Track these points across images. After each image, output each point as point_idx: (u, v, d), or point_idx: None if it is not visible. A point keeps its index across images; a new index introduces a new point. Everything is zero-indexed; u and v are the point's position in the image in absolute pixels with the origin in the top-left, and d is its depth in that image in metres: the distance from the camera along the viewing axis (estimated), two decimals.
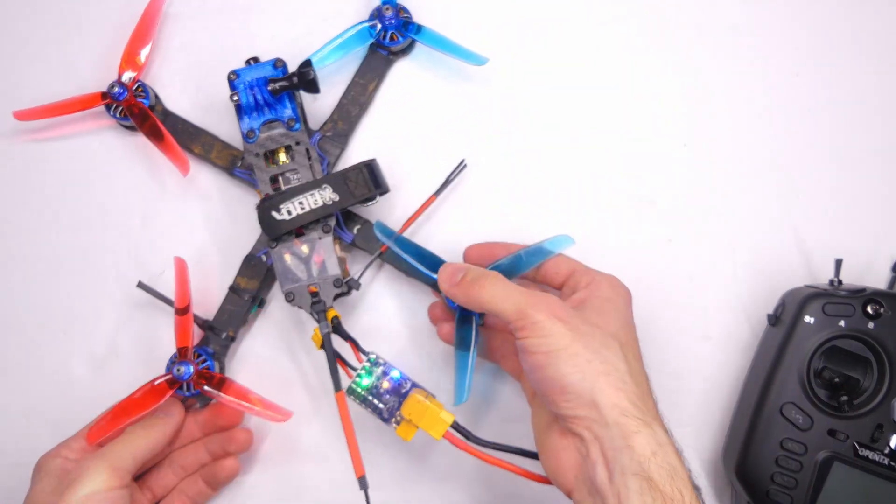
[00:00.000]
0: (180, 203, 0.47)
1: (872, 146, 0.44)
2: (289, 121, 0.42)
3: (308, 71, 0.40)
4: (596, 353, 0.33)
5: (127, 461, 0.39)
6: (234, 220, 0.46)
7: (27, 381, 0.46)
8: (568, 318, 0.34)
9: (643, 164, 0.46)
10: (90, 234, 0.47)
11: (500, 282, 0.37)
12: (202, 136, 0.45)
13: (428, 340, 0.45)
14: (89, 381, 0.45)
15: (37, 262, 0.47)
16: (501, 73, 0.46)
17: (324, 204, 0.41)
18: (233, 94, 0.41)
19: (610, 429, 0.32)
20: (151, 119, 0.44)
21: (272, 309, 0.46)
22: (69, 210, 0.47)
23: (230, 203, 0.47)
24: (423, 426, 0.37)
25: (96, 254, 0.46)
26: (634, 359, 0.36)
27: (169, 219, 0.46)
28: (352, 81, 0.45)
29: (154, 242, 0.46)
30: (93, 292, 0.46)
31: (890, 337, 0.39)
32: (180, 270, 0.42)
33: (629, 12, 0.46)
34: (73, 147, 0.47)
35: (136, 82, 0.45)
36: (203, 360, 0.43)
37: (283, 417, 0.41)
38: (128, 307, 0.46)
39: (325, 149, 0.45)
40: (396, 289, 0.46)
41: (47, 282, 0.46)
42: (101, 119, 0.46)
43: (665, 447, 0.32)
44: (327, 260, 0.41)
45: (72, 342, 0.46)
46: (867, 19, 0.45)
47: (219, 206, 0.47)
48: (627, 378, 0.33)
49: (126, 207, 0.47)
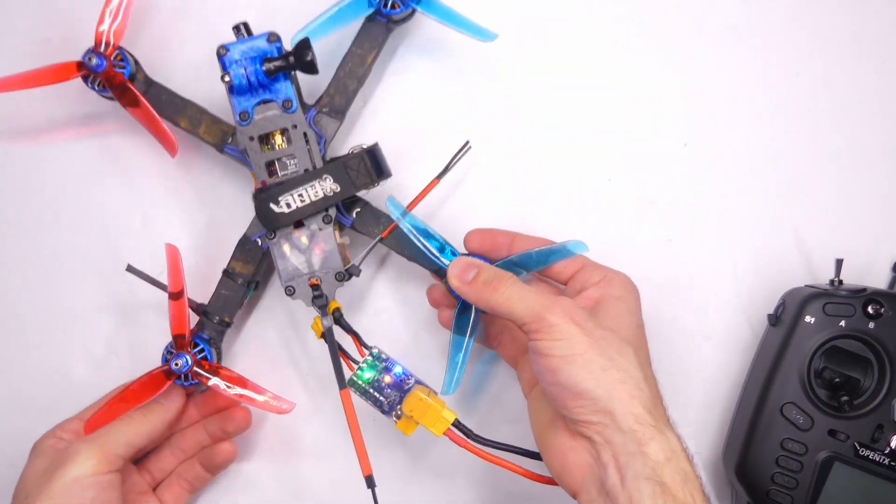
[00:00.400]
0: (165, 181, 0.44)
1: (872, 146, 0.44)
2: (285, 102, 0.39)
3: (306, 52, 0.37)
4: (611, 360, 0.33)
5: (119, 446, 0.38)
6: (225, 200, 0.44)
7: (27, 381, 0.46)
8: (583, 321, 0.34)
9: (643, 164, 0.45)
10: (90, 230, 0.46)
11: (515, 284, 0.36)
12: (189, 109, 0.42)
13: (429, 335, 0.44)
14: (89, 381, 0.45)
15: (37, 262, 0.46)
16: (506, 53, 0.44)
17: (324, 196, 0.38)
18: (224, 75, 0.38)
19: (624, 435, 0.32)
20: (132, 92, 0.40)
21: (268, 294, 0.45)
22: (68, 208, 0.46)
23: (221, 182, 0.44)
24: (425, 423, 0.37)
25: (95, 249, 0.46)
26: (646, 363, 0.35)
27: (153, 198, 0.44)
28: (349, 52, 0.41)
29: (148, 226, 0.45)
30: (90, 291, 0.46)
31: (890, 337, 0.39)
32: (172, 256, 0.40)
33: (629, 12, 0.45)
34: (49, 122, 0.44)
35: (115, 49, 0.40)
36: (200, 349, 0.40)
37: (286, 409, 0.40)
38: (127, 306, 0.45)
39: (322, 125, 0.41)
40: (397, 281, 0.44)
41: (47, 282, 0.46)
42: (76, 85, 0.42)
43: (678, 454, 0.32)
44: (328, 252, 0.39)
45: (72, 342, 0.46)
46: (867, 19, 0.45)
47: (206, 186, 0.44)
48: (643, 385, 0.33)
49: (123, 199, 0.46)
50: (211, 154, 0.43)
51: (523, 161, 0.45)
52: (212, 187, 0.45)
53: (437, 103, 0.45)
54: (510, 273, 0.37)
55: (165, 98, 0.42)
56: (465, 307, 0.39)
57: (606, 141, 0.45)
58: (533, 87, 0.45)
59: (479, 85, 0.45)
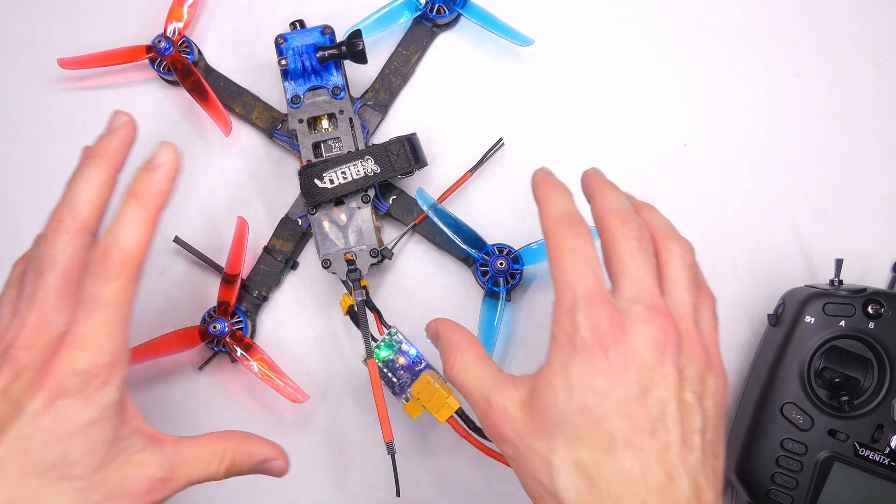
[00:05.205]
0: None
1: (873, 146, 0.43)
2: (334, 89, 0.38)
3: (357, 42, 0.37)
4: None
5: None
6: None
7: None
8: None
9: (643, 164, 0.43)
10: None
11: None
12: (244, 96, 0.42)
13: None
14: None
15: None
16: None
17: (365, 175, 0.37)
18: (281, 59, 0.38)
19: None
20: (195, 75, 0.40)
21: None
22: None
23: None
24: (430, 407, 0.35)
25: None
26: None
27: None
28: (395, 51, 0.42)
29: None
30: None
31: (890, 337, 0.37)
32: (239, 231, 0.38)
33: (630, 12, 0.44)
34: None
35: (181, 37, 0.41)
36: (239, 321, 0.39)
37: (300, 399, 0.38)
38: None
39: (365, 117, 0.41)
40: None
41: None
42: (144, 71, 0.42)
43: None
44: (365, 230, 0.38)
45: None
46: (868, 19, 0.43)
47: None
48: None
49: None
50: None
51: (524, 161, 0.43)
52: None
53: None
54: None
55: (223, 85, 0.42)
56: (492, 290, 0.37)
57: (606, 141, 0.43)
58: (533, 87, 0.44)
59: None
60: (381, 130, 0.43)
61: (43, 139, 0.44)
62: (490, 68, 0.44)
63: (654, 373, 0.25)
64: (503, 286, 0.39)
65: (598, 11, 0.44)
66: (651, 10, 0.44)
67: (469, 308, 0.41)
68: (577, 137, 0.44)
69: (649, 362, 0.25)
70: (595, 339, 0.25)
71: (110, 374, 0.25)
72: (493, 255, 0.39)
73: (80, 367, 0.24)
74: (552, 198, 0.29)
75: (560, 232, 0.28)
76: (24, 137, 0.44)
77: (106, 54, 0.41)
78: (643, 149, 0.43)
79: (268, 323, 0.42)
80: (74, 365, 0.24)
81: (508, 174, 0.43)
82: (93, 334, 0.25)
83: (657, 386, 0.25)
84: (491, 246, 0.39)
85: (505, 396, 0.27)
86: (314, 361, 0.42)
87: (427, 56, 0.43)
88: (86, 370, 0.25)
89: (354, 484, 0.41)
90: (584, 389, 0.25)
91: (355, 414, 0.41)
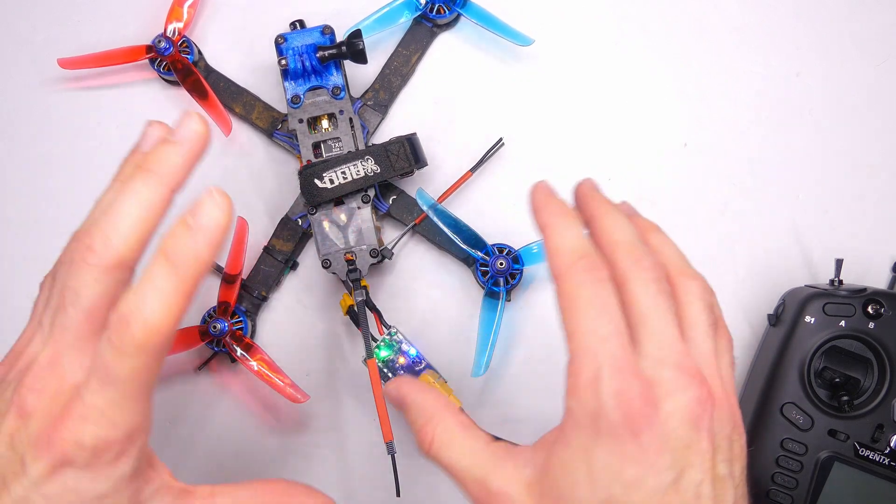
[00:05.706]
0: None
1: (873, 146, 0.42)
2: (334, 89, 0.38)
3: (358, 42, 0.36)
4: None
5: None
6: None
7: None
8: None
9: (643, 164, 0.42)
10: None
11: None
12: (244, 96, 0.41)
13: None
14: None
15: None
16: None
17: (365, 175, 0.37)
18: (281, 59, 0.37)
19: None
20: (195, 75, 0.39)
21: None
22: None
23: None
24: None
25: None
26: None
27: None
28: (395, 51, 0.41)
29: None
30: None
31: (890, 337, 0.36)
32: (239, 231, 0.37)
33: (630, 12, 0.44)
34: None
35: (181, 37, 0.41)
36: (239, 320, 0.39)
37: (300, 399, 0.37)
38: None
39: (365, 118, 0.41)
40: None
41: None
42: (144, 71, 0.42)
43: None
44: (365, 229, 0.38)
45: None
46: (868, 19, 0.43)
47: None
48: None
49: None
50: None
51: (522, 161, 0.43)
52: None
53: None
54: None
55: (223, 85, 0.41)
56: (492, 290, 0.37)
57: (606, 140, 0.43)
58: (533, 87, 0.43)
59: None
60: (381, 130, 0.42)
61: (43, 139, 0.43)
62: (490, 68, 0.43)
63: (689, 452, 0.22)
64: (503, 286, 0.39)
65: (598, 11, 0.44)
66: (651, 10, 0.44)
67: (469, 308, 0.41)
68: (577, 137, 0.43)
69: (685, 440, 0.22)
70: (625, 422, 0.21)
71: (125, 446, 0.21)
72: (493, 255, 0.39)
73: (87, 443, 0.20)
74: (561, 231, 0.24)
75: (575, 278, 0.23)
76: (24, 137, 0.43)
77: (106, 54, 0.40)
78: (643, 149, 0.43)
79: (268, 323, 0.42)
80: (81, 439, 0.20)
81: (508, 174, 0.43)
82: (106, 408, 0.21)
83: (692, 466, 0.22)
84: (491, 246, 0.39)
85: (506, 479, 0.23)
86: (314, 361, 0.41)
87: (427, 56, 0.43)
88: (94, 445, 0.21)
89: (354, 484, 0.41)
90: (610, 479, 0.21)
91: (355, 414, 0.41)
